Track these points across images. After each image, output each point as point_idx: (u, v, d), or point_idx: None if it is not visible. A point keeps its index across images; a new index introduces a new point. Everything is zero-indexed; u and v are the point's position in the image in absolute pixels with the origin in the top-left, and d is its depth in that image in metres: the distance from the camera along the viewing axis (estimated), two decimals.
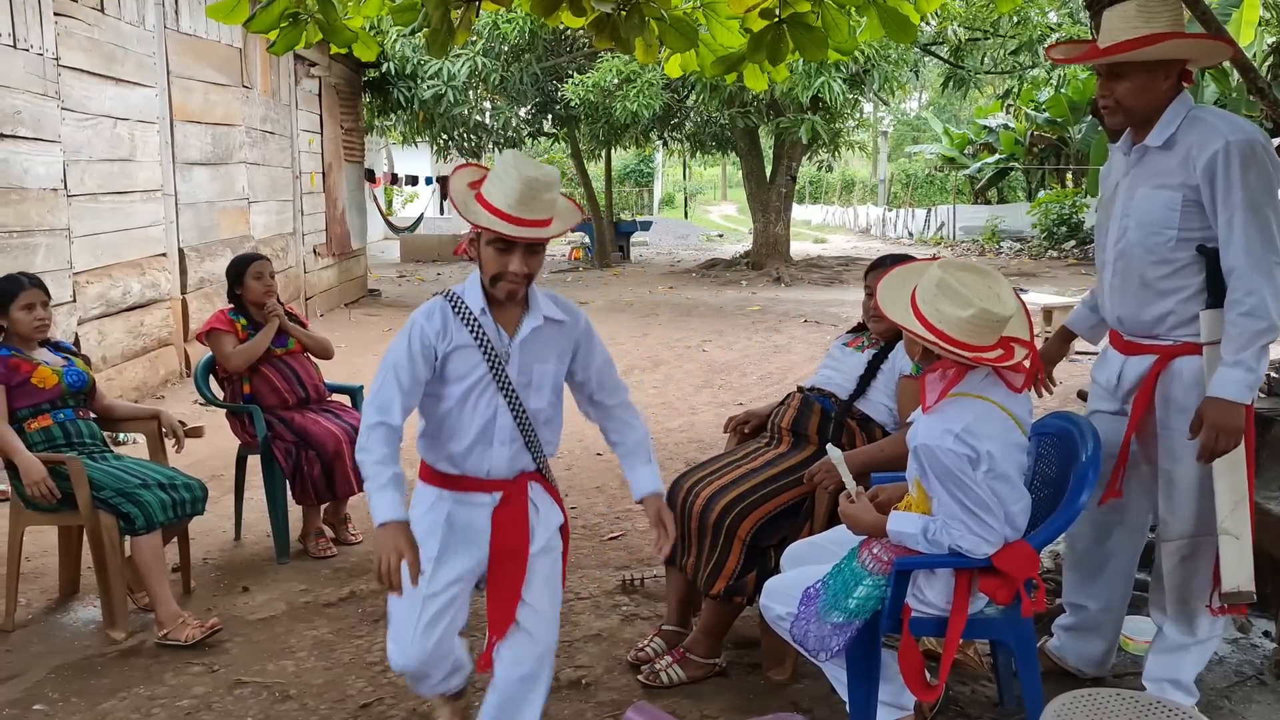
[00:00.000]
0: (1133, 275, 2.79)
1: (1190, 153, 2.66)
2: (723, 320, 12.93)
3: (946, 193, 35.00)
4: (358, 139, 15.38)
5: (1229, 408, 2.60)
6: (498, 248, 2.44)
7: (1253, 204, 2.58)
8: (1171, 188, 2.69)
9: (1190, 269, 2.71)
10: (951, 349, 2.44)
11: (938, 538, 2.49)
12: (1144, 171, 2.77)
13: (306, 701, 3.26)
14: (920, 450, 2.48)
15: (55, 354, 4.00)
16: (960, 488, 2.44)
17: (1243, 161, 2.59)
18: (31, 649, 3.69)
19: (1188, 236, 2.69)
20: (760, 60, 4.59)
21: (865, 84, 15.91)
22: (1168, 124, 2.71)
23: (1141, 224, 2.75)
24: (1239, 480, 2.72)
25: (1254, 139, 2.62)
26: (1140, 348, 2.85)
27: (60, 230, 6.67)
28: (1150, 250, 2.74)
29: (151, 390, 7.94)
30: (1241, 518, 2.72)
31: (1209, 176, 2.62)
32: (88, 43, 7.14)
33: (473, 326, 2.50)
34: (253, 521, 4.92)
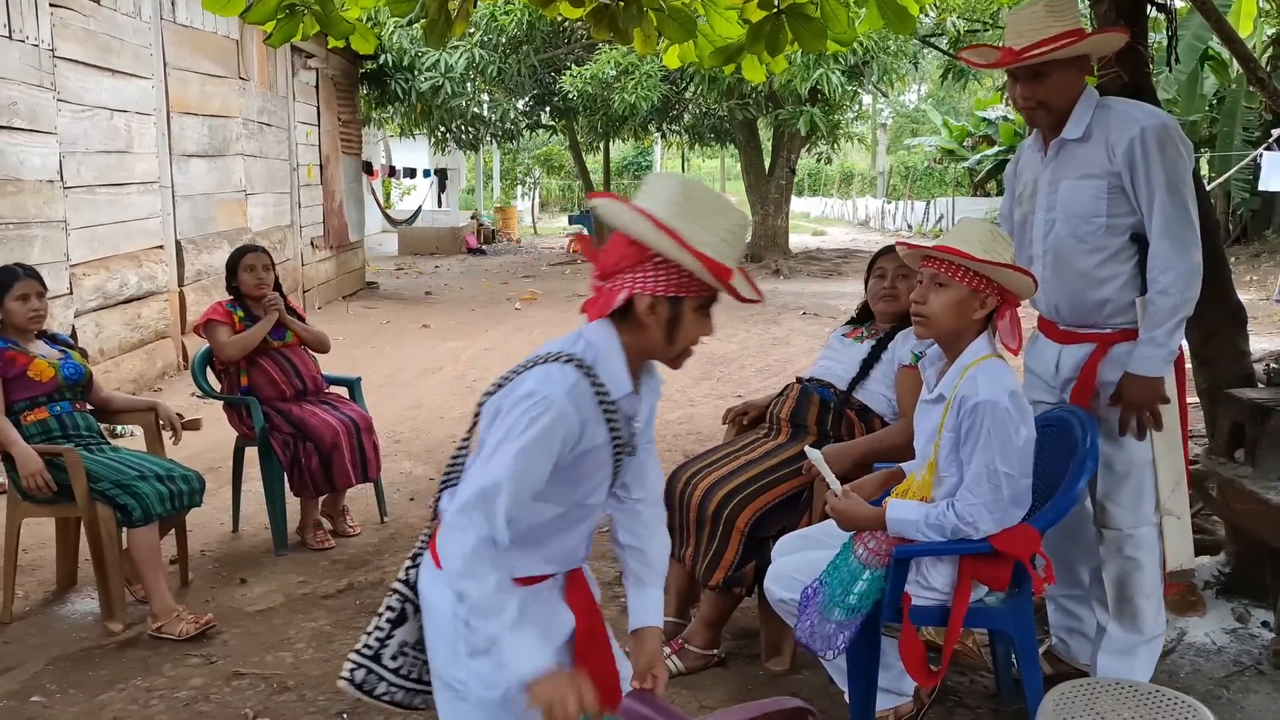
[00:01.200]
0: (1066, 266, 2.85)
1: (1108, 140, 2.75)
2: (721, 312, 12.83)
3: (946, 185, 35.00)
4: (355, 131, 15.35)
5: (1144, 382, 2.73)
6: (704, 313, 1.91)
7: (1171, 185, 2.69)
8: (1095, 176, 2.77)
9: (1122, 255, 2.80)
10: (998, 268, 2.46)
11: (939, 521, 2.48)
12: (1064, 165, 2.84)
13: (305, 693, 3.26)
14: (984, 407, 2.41)
15: (52, 346, 3.99)
16: (1005, 450, 2.42)
17: (1159, 145, 2.70)
18: (29, 641, 3.68)
19: (1116, 223, 2.77)
20: (759, 51, 4.58)
21: (864, 76, 15.89)
22: (1081, 117, 2.80)
23: (1070, 215, 2.82)
24: (1178, 461, 2.83)
25: (1166, 123, 2.75)
26: (1078, 336, 2.90)
27: (57, 222, 6.65)
28: (1081, 239, 2.81)
29: (149, 383, 7.93)
30: (1181, 498, 2.83)
31: (1129, 161, 2.72)
32: (84, 34, 7.11)
33: (611, 418, 1.89)
34: (250, 514, 4.91)
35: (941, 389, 2.58)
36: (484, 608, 1.73)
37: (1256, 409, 3.28)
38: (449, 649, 1.88)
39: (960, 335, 2.53)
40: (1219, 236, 3.77)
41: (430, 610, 1.92)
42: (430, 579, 1.91)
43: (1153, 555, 2.88)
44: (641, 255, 1.82)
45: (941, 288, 2.50)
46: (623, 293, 1.83)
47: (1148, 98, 3.55)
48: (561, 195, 40.25)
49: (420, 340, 10.63)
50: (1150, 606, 2.90)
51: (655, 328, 1.86)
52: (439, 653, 1.92)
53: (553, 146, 28.93)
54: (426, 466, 5.92)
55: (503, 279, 17.24)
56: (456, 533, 1.74)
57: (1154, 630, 2.93)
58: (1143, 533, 2.87)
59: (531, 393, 1.77)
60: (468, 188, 32.57)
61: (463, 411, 7.30)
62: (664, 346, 1.90)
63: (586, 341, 1.87)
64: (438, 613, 1.89)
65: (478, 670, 1.85)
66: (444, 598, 1.85)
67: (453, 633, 1.85)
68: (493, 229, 25.88)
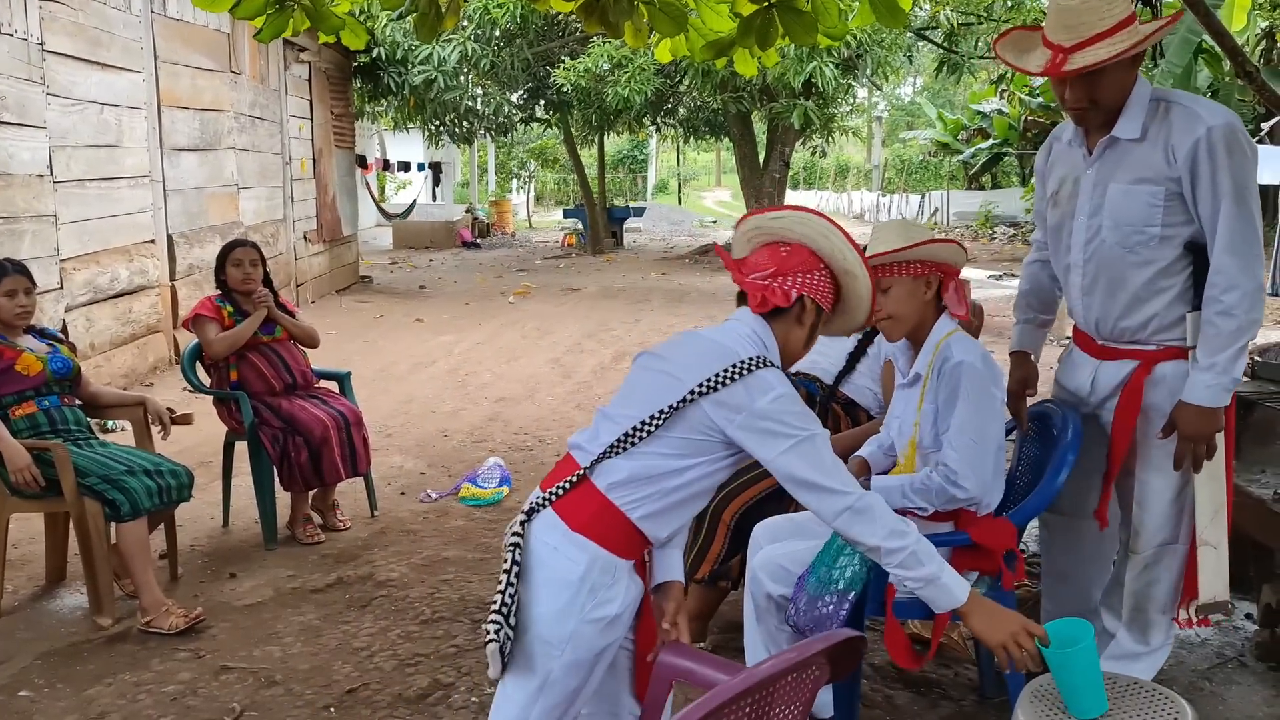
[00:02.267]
0: (1109, 278, 2.62)
1: (1169, 142, 2.47)
2: (715, 306, 12.92)
3: (941, 178, 35.02)
4: (348, 125, 15.33)
5: (1203, 414, 2.48)
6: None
7: (1238, 194, 2.43)
8: (1151, 181, 2.50)
9: (1174, 268, 2.54)
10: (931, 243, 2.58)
11: (924, 485, 2.52)
12: (1113, 166, 2.57)
13: (292, 687, 3.27)
14: (961, 368, 2.51)
15: (40, 341, 3.98)
16: (981, 406, 2.50)
17: (1227, 148, 2.42)
18: (18, 636, 3.69)
19: (1171, 234, 2.51)
20: (750, 45, 4.57)
21: (858, 69, 15.88)
22: (1135, 114, 2.51)
23: (1119, 223, 2.55)
24: (1219, 489, 2.64)
25: (1234, 123, 2.46)
26: (1118, 353, 2.68)
27: (47, 217, 6.64)
28: (1130, 250, 2.55)
29: (140, 377, 7.92)
30: (1220, 527, 2.66)
31: (1191, 166, 2.44)
32: (73, 27, 7.09)
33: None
34: (240, 508, 4.91)
35: (917, 368, 2.67)
36: (924, 548, 2.04)
37: (1241, 402, 3.28)
38: (562, 605, 1.97)
39: (923, 323, 2.66)
40: None
41: (545, 567, 1.99)
42: (556, 538, 2.00)
43: (1172, 573, 2.77)
44: (815, 264, 2.14)
45: (888, 291, 2.62)
46: (795, 291, 2.12)
47: None
48: (556, 189, 40.21)
49: (413, 334, 10.62)
50: (1163, 621, 2.82)
51: (804, 330, 2.15)
52: (544, 606, 1.98)
53: (547, 140, 28.87)
54: (417, 461, 5.93)
55: (497, 273, 17.24)
56: (865, 523, 2.00)
57: (1160, 642, 2.86)
58: (1168, 549, 2.74)
59: (788, 394, 2.01)
60: (462, 181, 32.53)
61: (454, 405, 7.30)
62: (800, 350, 2.19)
63: (761, 341, 2.11)
64: (559, 570, 1.98)
65: (582, 632, 1.97)
66: (572, 558, 1.97)
67: (575, 592, 1.96)
68: (487, 223, 25.86)
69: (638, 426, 1.99)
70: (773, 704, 1.50)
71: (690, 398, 1.97)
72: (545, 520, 2.02)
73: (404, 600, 3.90)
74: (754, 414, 1.97)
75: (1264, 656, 3.16)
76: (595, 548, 1.98)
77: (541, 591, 1.99)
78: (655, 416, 1.98)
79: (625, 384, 2.14)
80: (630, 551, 2.02)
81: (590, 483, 2.00)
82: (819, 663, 1.59)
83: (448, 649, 3.48)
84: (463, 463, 5.85)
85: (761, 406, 1.96)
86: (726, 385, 1.97)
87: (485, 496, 5.15)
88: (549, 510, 2.02)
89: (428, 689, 3.22)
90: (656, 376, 2.06)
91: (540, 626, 1.98)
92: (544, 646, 1.98)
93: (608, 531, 1.98)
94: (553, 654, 1.97)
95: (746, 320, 2.13)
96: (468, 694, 3.17)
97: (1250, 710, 2.95)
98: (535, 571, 2.00)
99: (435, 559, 4.33)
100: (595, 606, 1.97)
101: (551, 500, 2.02)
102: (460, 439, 6.44)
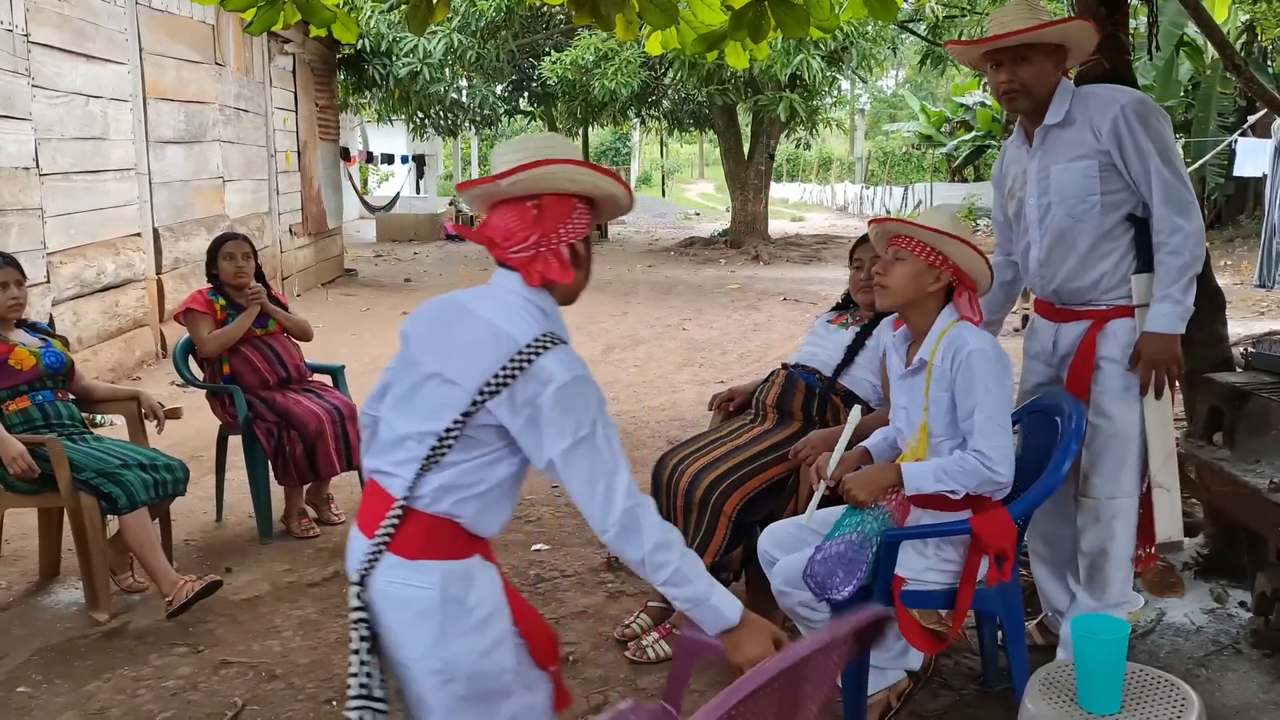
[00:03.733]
0: (1064, 246, 2.95)
1: (1092, 122, 2.87)
2: (702, 298, 12.94)
3: (923, 170, 35.12)
4: (333, 117, 15.24)
5: (1163, 340, 2.81)
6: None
7: (1162, 153, 2.81)
8: (1085, 157, 2.88)
9: (1115, 232, 2.90)
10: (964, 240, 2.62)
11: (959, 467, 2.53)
12: (1051, 151, 2.95)
13: (293, 680, 3.26)
14: (976, 355, 2.55)
15: (33, 335, 3.96)
16: (1002, 393, 2.55)
17: (1140, 118, 2.82)
18: (13, 631, 3.67)
19: (1110, 199, 2.88)
20: (741, 38, 4.57)
21: (843, 61, 15.90)
22: (1060, 103, 2.92)
23: (1065, 197, 2.92)
24: (1168, 436, 2.90)
25: (1143, 98, 2.89)
26: (1074, 314, 3.00)
27: (33, 210, 6.58)
28: (1078, 219, 2.91)
29: (127, 371, 7.87)
30: (1171, 471, 2.90)
31: (1115, 139, 2.83)
32: (58, 18, 7.03)
33: None
34: (233, 502, 4.90)
35: (921, 355, 2.68)
36: (691, 569, 1.86)
37: (1235, 392, 3.33)
38: (435, 633, 1.88)
39: (919, 307, 2.68)
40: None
41: (403, 606, 1.89)
42: (402, 574, 1.89)
43: (1127, 528, 2.95)
44: (569, 205, 1.96)
45: (899, 261, 2.67)
46: (565, 247, 1.96)
47: (1128, 84, 3.59)
48: None
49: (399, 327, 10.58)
50: (1119, 577, 2.97)
51: (582, 270, 2.01)
52: (418, 643, 1.89)
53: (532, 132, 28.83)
54: None
55: (482, 265, 17.18)
56: (633, 533, 1.83)
57: (1118, 599, 2.99)
58: (1119, 504, 2.93)
59: (576, 378, 1.85)
60: (446, 174, 32.43)
61: None
62: (583, 283, 2.05)
63: (546, 315, 1.95)
64: (417, 603, 1.88)
65: (466, 645, 1.89)
66: (425, 584, 1.88)
67: (441, 615, 1.87)
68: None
69: (435, 445, 1.87)
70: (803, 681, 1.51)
71: (476, 404, 1.85)
72: (385, 565, 1.89)
73: None
74: (536, 409, 1.84)
75: (1259, 644, 3.19)
76: (441, 564, 1.89)
77: (410, 633, 1.89)
78: (450, 430, 1.86)
79: (398, 383, 2.00)
80: (474, 547, 1.94)
81: (412, 510, 1.89)
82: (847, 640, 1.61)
83: None
84: None
85: (544, 400, 1.83)
86: (509, 384, 1.84)
87: None
88: (386, 555, 1.90)
89: None
90: (433, 384, 1.91)
91: (421, 659, 1.89)
92: (435, 678, 1.89)
93: (446, 544, 1.90)
94: (446, 681, 1.89)
95: (517, 290, 1.95)
96: None
97: (1247, 697, 2.98)
98: (393, 615, 1.89)
99: None
100: (465, 615, 1.89)
101: (384, 548, 1.90)
102: None
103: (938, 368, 2.63)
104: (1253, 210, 18.94)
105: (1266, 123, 12.07)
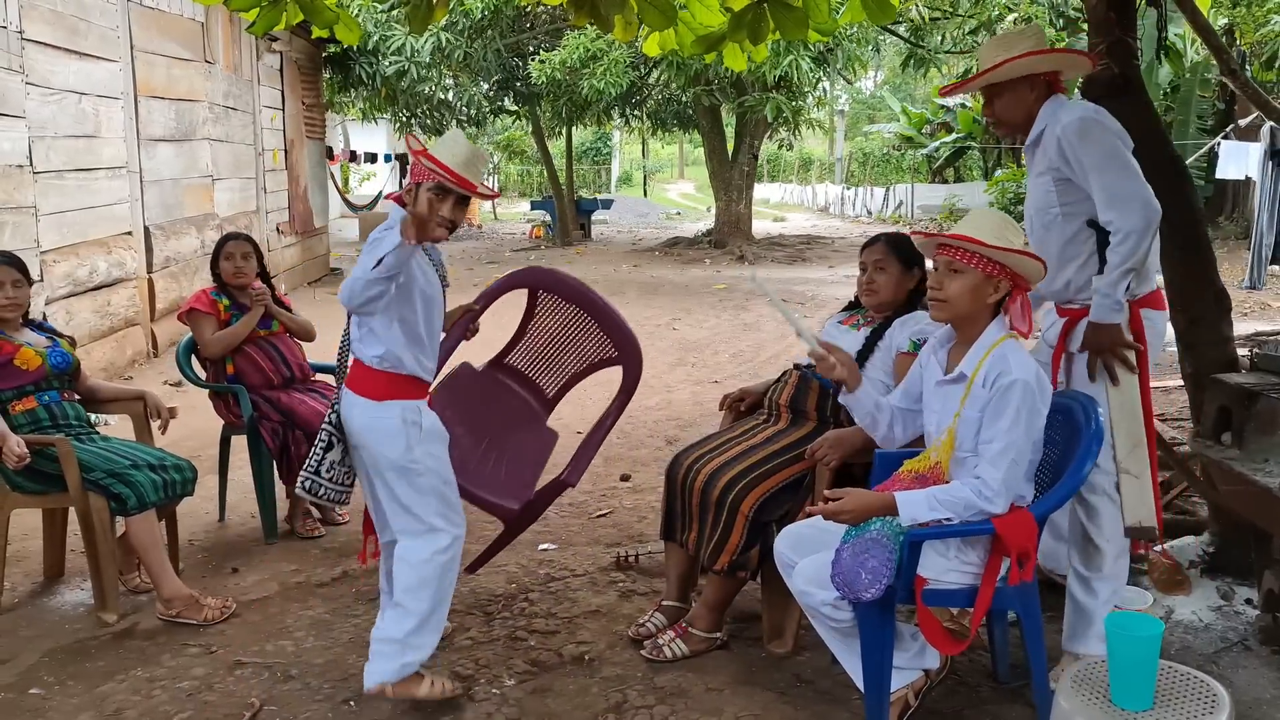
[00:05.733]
0: (1044, 252, 3.13)
1: (1045, 142, 3.14)
2: (690, 298, 12.96)
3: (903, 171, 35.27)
4: (319, 115, 15.18)
5: (1099, 329, 3.04)
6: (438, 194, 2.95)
7: (1099, 163, 3.02)
8: (1043, 173, 3.16)
9: (1079, 238, 3.13)
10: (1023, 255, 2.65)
11: (950, 497, 2.56)
12: (1031, 167, 3.26)
13: (309, 681, 3.25)
14: (1018, 386, 2.55)
15: (39, 334, 3.93)
16: (1030, 428, 2.57)
17: (1079, 135, 3.04)
18: (20, 633, 3.64)
19: (1070, 210, 3.12)
20: (741, 39, 4.58)
21: (829, 62, 15.96)
22: (1037, 125, 3.18)
23: (1035, 208, 3.23)
24: (1136, 425, 3.07)
25: (1083, 115, 3.07)
26: (1059, 311, 3.27)
27: (27, 208, 6.53)
28: (1046, 228, 3.19)
29: (119, 371, 7.82)
30: (1140, 458, 3.05)
31: (1062, 157, 3.08)
32: (51, 15, 6.97)
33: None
34: (234, 502, 4.88)
35: (963, 368, 2.67)
36: (363, 264, 2.77)
37: (1244, 393, 3.37)
38: (403, 445, 2.95)
39: (975, 318, 2.67)
40: (1203, 225, 3.86)
41: (370, 431, 2.97)
42: (363, 410, 2.98)
43: (1109, 505, 3.08)
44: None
45: (957, 274, 2.65)
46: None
47: (1135, 89, 3.64)
48: (520, 181, 40.08)
49: None
50: (1110, 549, 3.11)
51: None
52: (391, 451, 2.95)
53: (514, 132, 28.74)
54: None
55: (467, 265, 17.16)
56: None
57: (1112, 570, 3.12)
58: (1096, 480, 3.05)
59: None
60: None
61: None
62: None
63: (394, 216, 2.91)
64: (383, 427, 2.95)
65: (427, 449, 2.98)
66: (388, 415, 2.95)
67: (405, 436, 2.95)
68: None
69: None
70: None
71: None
72: (348, 401, 3.05)
73: None
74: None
75: (1267, 640, 3.24)
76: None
77: (381, 445, 2.98)
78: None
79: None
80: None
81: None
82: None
83: (463, 641, 3.49)
84: None
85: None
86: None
87: None
88: (346, 393, 3.07)
89: None
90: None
91: (396, 462, 2.98)
92: (404, 474, 2.98)
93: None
94: (412, 474, 2.99)
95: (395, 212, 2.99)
96: (488, 686, 3.18)
97: (1258, 693, 3.02)
98: (364, 436, 3.00)
99: None
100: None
101: (341, 389, 3.12)
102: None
103: (976, 387, 2.61)
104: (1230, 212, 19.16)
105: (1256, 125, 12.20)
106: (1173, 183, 3.58)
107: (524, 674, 3.26)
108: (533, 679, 3.23)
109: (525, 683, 3.21)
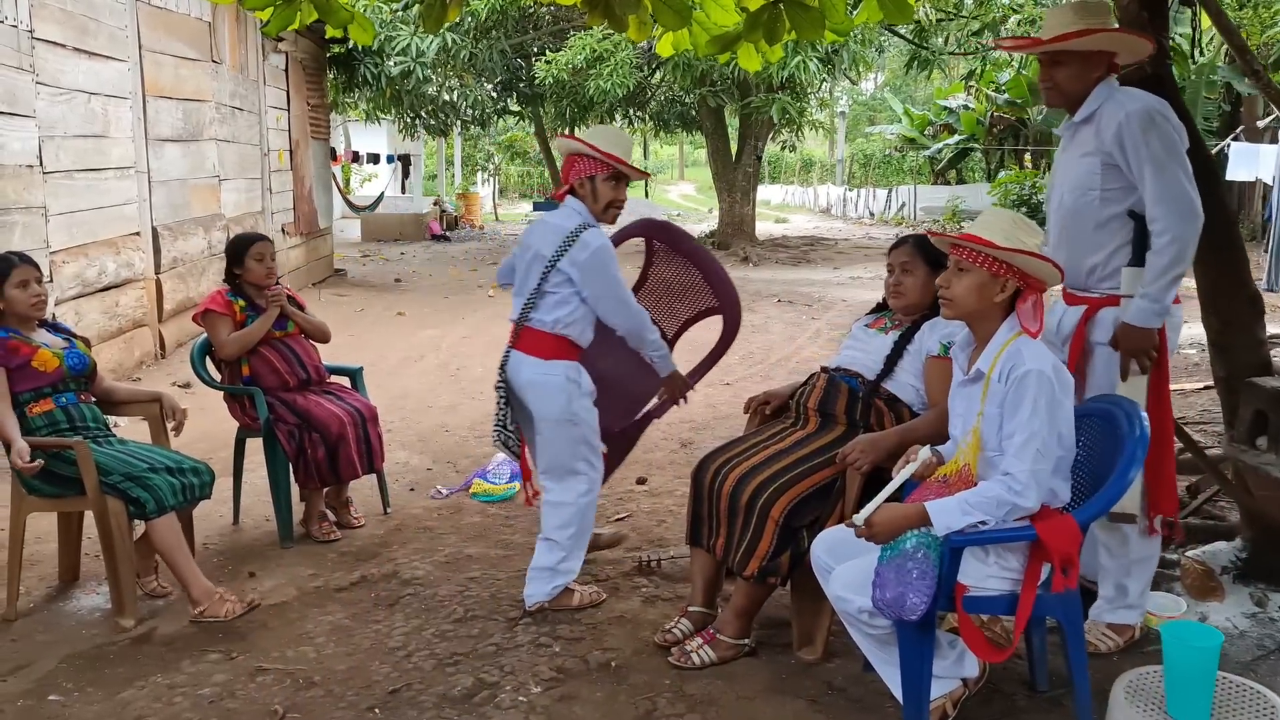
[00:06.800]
0: (1069, 233, 3.20)
1: (1101, 124, 3.09)
2: None
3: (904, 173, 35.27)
4: (323, 116, 15.13)
5: (1137, 332, 3.03)
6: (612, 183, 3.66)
7: (1158, 160, 2.98)
8: (1091, 154, 3.11)
9: (1113, 225, 3.11)
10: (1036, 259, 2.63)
11: (981, 498, 2.52)
12: (1073, 144, 3.21)
13: (332, 688, 3.21)
14: (1031, 376, 2.54)
15: (55, 335, 3.89)
16: (1051, 419, 2.53)
17: (1141, 125, 3.00)
18: (37, 638, 3.59)
19: (1109, 195, 3.09)
20: (756, 39, 4.53)
21: (835, 63, 15.93)
22: (1091, 103, 3.14)
23: (1072, 188, 3.17)
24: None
25: (1150, 106, 3.03)
26: (1076, 299, 3.23)
27: (37, 208, 6.48)
28: (1080, 210, 3.15)
29: (127, 372, 7.77)
30: None
31: (1118, 142, 3.03)
32: (61, 14, 6.92)
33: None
34: (248, 505, 4.83)
35: (979, 365, 2.67)
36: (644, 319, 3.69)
37: (1273, 395, 3.32)
38: (565, 399, 3.52)
39: (984, 316, 2.69)
40: (1236, 226, 3.82)
41: (538, 385, 3.54)
42: (532, 366, 3.55)
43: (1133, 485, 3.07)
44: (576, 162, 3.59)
45: (963, 272, 2.68)
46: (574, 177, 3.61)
47: (1168, 87, 3.59)
48: (520, 182, 40.04)
49: (396, 328, 10.52)
50: (1134, 532, 3.20)
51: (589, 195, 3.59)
52: (555, 405, 3.53)
53: (516, 133, 28.72)
54: (422, 456, 5.86)
55: (470, 265, 17.11)
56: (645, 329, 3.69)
57: (1140, 553, 3.23)
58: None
59: (604, 245, 3.53)
60: (427, 174, 32.25)
61: (450, 400, 7.24)
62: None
63: (577, 213, 3.59)
64: (549, 383, 3.53)
65: (584, 404, 3.57)
66: (554, 373, 3.53)
67: (567, 392, 3.53)
68: (455, 216, 25.67)
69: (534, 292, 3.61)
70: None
71: (549, 269, 3.50)
72: (516, 360, 3.57)
73: (433, 599, 3.84)
74: (587, 260, 3.48)
75: None
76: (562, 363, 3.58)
77: (547, 398, 3.54)
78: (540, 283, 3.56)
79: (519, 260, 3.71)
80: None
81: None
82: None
83: (486, 648, 3.44)
84: (468, 458, 5.79)
85: (589, 255, 3.47)
86: (564, 250, 3.49)
87: (497, 493, 5.09)
88: (513, 352, 3.58)
89: (472, 689, 3.16)
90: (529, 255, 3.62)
91: (559, 415, 3.57)
92: (564, 425, 3.58)
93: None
94: (571, 425, 3.58)
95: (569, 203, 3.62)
96: (514, 693, 3.13)
97: None
98: (532, 390, 3.56)
99: (458, 556, 4.28)
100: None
101: (512, 345, 3.62)
102: (462, 434, 6.38)
103: (994, 383, 2.61)
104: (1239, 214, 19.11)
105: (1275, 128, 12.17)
106: (1206, 183, 3.53)
107: (550, 681, 3.21)
108: (559, 686, 3.18)
109: (551, 690, 3.16)
